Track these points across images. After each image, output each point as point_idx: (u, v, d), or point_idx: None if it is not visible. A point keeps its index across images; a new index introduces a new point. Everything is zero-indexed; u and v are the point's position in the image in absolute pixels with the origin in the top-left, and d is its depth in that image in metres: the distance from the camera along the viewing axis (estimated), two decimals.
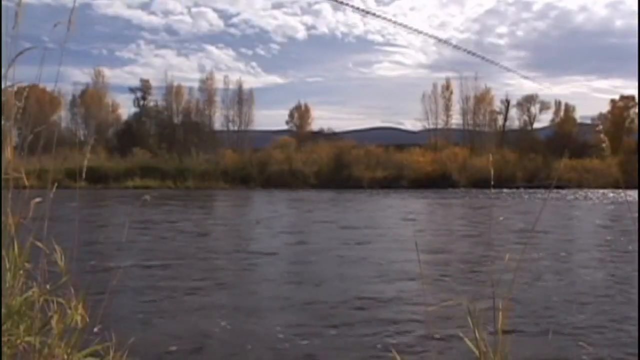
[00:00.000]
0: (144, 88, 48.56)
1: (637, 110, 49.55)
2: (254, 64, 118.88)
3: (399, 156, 43.40)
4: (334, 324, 4.87)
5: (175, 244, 10.08)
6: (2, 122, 0.76)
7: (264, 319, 5.08)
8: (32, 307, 2.29)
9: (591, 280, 6.81)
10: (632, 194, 21.49)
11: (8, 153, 1.63)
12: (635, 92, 48.89)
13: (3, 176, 0.78)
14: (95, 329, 2.19)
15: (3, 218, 0.85)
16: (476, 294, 5.27)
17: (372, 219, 15.62)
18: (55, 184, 1.95)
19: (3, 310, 2.37)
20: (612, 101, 51.83)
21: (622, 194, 29.02)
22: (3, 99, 0.78)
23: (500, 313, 1.93)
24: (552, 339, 4.26)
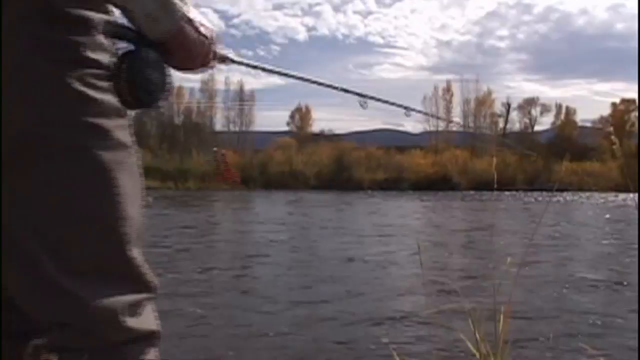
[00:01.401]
0: None
1: (637, 113, 49.58)
2: None
3: (400, 158, 43.48)
4: (332, 325, 4.86)
5: (175, 242, 10.09)
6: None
7: (257, 315, 5.07)
8: None
9: (593, 284, 6.80)
10: (633, 197, 21.45)
11: None
12: (635, 96, 48.93)
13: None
14: None
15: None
16: (477, 296, 5.26)
17: (373, 220, 15.62)
18: None
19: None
20: (613, 104, 51.89)
21: (623, 197, 29.03)
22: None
23: (502, 316, 1.92)
24: (553, 342, 4.25)
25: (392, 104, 1.53)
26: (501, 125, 52.14)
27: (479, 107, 50.88)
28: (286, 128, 53.66)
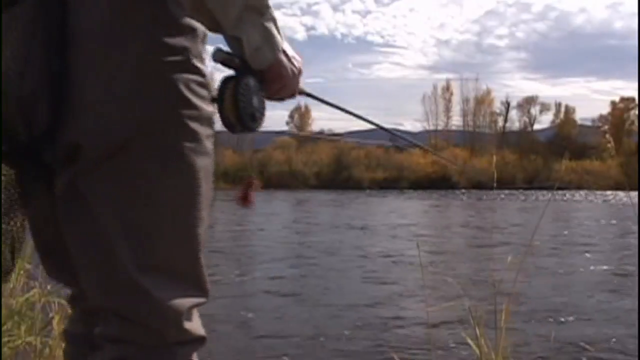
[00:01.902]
0: None
1: (637, 112, 49.59)
2: None
3: (399, 157, 43.43)
4: (332, 325, 4.86)
5: None
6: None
7: (258, 315, 5.07)
8: (33, 308, 2.29)
9: (593, 283, 6.80)
10: (633, 195, 21.46)
11: None
12: (635, 94, 48.93)
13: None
14: None
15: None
16: (478, 295, 5.27)
17: (372, 220, 15.62)
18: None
19: (4, 310, 2.37)
20: (613, 103, 51.89)
21: (622, 196, 29.02)
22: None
23: (503, 314, 1.93)
24: (554, 341, 4.25)
25: (417, 145, 1.62)
26: (500, 124, 52.18)
27: (478, 106, 50.85)
28: (285, 128, 53.68)
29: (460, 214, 18.87)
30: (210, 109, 0.88)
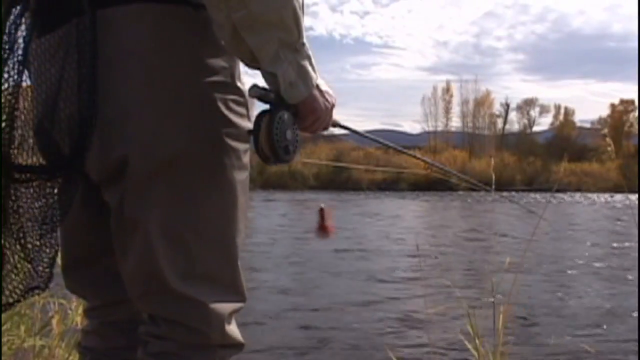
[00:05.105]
0: None
1: (636, 114, 49.61)
2: None
3: (398, 158, 43.34)
4: (331, 327, 4.87)
5: None
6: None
7: (262, 320, 5.07)
8: (32, 308, 2.29)
9: (593, 284, 6.81)
10: (632, 197, 21.52)
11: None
12: (634, 96, 48.93)
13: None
14: None
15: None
16: (476, 297, 5.27)
17: (371, 221, 15.62)
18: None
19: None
20: (612, 105, 51.88)
21: (621, 198, 29.04)
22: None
23: (501, 316, 1.93)
24: (553, 342, 4.26)
25: (425, 161, 1.69)
26: (500, 125, 52.16)
27: (477, 108, 50.82)
28: None
29: (459, 215, 18.86)
30: (248, 125, 0.92)
